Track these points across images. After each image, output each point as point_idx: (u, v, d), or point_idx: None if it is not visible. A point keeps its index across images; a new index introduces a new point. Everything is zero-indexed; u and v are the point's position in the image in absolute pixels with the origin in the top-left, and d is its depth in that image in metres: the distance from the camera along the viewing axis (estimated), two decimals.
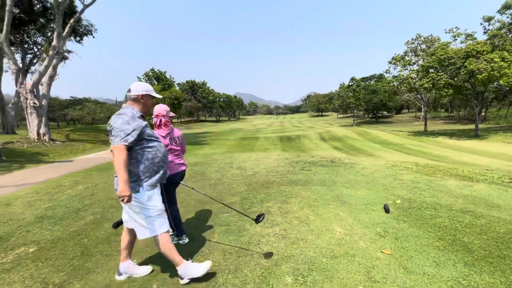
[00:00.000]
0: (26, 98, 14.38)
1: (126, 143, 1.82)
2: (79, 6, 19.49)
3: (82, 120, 48.21)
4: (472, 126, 25.58)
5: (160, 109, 2.68)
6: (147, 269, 2.23)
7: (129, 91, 2.08)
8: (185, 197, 4.34)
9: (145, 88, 2.10)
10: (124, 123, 1.87)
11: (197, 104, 75.48)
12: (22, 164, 9.88)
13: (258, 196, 4.21)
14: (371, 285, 1.97)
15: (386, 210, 3.40)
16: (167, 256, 2.03)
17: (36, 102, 14.40)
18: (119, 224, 3.28)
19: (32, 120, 14.53)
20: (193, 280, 2.05)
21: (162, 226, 2.03)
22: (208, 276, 2.11)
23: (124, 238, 2.18)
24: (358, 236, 2.73)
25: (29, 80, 16.66)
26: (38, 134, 14.60)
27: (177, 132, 2.77)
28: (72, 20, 16.26)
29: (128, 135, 1.84)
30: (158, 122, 2.64)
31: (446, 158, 12.32)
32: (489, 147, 15.74)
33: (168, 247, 2.02)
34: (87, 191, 5.04)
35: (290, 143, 19.85)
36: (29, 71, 21.89)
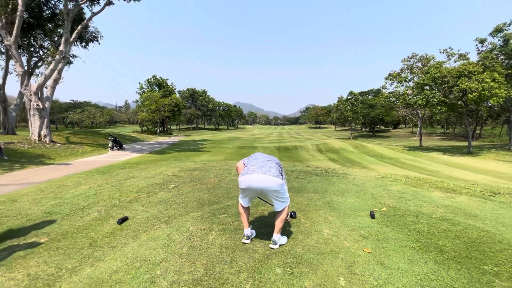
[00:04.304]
0: (30, 100, 14.66)
1: None
2: (87, 13, 20.16)
3: (81, 124, 48.36)
4: (467, 143, 26.12)
5: None
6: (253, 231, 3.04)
7: None
8: (184, 199, 4.58)
9: None
10: None
11: (196, 111, 76.09)
12: (23, 165, 10.07)
13: (254, 200, 4.44)
14: (350, 277, 2.23)
15: (372, 216, 3.67)
16: (280, 223, 2.76)
17: (40, 104, 14.68)
18: (123, 220, 3.54)
19: (34, 122, 14.76)
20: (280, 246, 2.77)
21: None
22: (207, 265, 2.36)
23: (245, 214, 2.90)
24: (343, 237, 3.00)
25: (33, 82, 17.01)
26: (39, 135, 14.80)
27: None
28: (79, 27, 16.78)
29: None
30: None
31: (438, 173, 12.65)
32: (480, 164, 16.14)
33: (285, 217, 2.81)
34: (91, 191, 5.27)
35: (287, 153, 20.15)
36: (33, 73, 22.31)
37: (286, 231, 3.16)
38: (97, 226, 3.40)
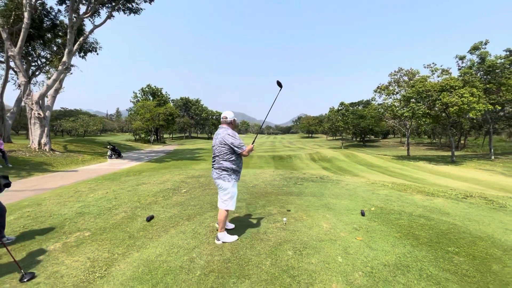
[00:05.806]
0: (31, 109, 14.95)
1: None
2: (87, 24, 20.71)
3: (73, 132, 47.92)
4: (451, 153, 27.51)
5: None
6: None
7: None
8: (198, 202, 5.15)
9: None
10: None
11: (190, 120, 76.43)
12: (29, 172, 10.35)
13: (260, 202, 5.07)
14: (346, 255, 2.87)
15: (362, 214, 4.34)
16: (220, 223, 3.17)
17: (41, 113, 14.98)
18: (151, 218, 4.09)
19: (35, 130, 15.01)
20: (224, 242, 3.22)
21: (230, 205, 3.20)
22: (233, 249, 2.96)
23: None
24: (339, 230, 3.64)
25: (34, 91, 17.29)
26: (39, 144, 15.02)
27: None
28: (81, 38, 17.31)
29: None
30: None
31: (423, 181, 13.54)
32: (462, 172, 17.22)
33: (222, 219, 3.17)
34: (109, 195, 5.76)
35: (282, 162, 20.81)
36: (31, 82, 22.50)
37: (292, 224, 3.79)
38: (128, 223, 3.93)
